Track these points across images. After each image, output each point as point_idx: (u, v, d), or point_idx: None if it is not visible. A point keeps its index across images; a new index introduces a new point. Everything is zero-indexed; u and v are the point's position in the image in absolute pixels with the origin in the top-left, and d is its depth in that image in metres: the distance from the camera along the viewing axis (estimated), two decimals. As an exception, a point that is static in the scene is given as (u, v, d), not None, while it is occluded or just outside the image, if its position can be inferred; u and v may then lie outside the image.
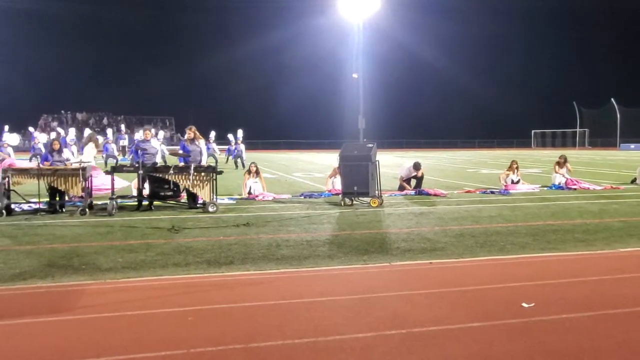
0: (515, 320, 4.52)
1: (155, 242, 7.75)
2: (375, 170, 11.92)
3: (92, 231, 8.68)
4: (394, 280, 5.92)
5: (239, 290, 5.52)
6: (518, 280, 5.86)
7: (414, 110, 73.64)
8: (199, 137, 12.35)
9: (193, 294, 5.35)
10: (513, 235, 8.35)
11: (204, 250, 7.21)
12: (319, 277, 6.04)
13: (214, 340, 4.07)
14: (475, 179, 19.70)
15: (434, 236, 8.24)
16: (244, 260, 6.70)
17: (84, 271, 6.15)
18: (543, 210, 11.07)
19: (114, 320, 4.59)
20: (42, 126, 45.85)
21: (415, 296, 5.26)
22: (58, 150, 11.46)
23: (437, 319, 4.57)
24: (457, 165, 29.92)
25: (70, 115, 63.30)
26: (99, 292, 5.43)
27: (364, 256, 6.95)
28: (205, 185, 10.95)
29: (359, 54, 58.54)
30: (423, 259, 6.79)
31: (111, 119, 59.73)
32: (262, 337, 4.13)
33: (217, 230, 8.72)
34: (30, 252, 7.11)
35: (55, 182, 10.51)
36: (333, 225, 9.42)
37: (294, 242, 7.82)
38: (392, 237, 8.29)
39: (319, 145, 61.40)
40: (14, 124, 19.43)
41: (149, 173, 11.07)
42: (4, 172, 10.38)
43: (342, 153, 12.26)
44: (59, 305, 5.01)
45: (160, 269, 6.26)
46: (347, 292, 5.41)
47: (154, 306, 4.93)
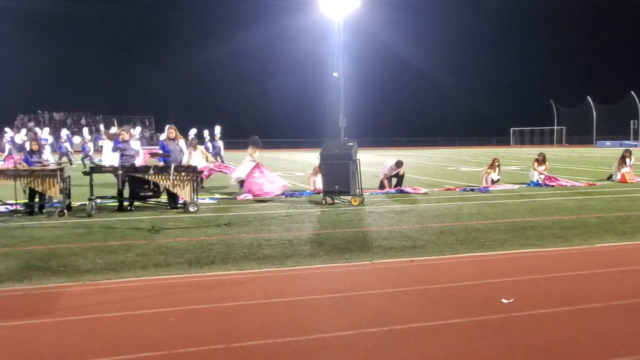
0: (495, 316, 4.57)
1: (135, 243, 7.68)
2: (356, 169, 11.95)
3: (71, 232, 8.57)
4: (375, 278, 5.95)
5: (221, 290, 5.50)
6: (498, 277, 5.92)
7: (395, 109, 73.96)
8: (179, 136, 12.27)
9: (174, 294, 5.32)
10: (493, 232, 8.43)
11: (185, 251, 7.17)
12: (300, 276, 6.04)
13: (195, 341, 4.05)
14: (455, 176, 19.85)
15: (415, 234, 8.29)
16: (226, 260, 6.67)
17: (63, 273, 6.08)
18: (522, 207, 11.20)
19: (93, 322, 4.54)
20: (18, 126, 45.16)
21: (396, 294, 5.29)
22: (37, 151, 11.29)
23: (419, 315, 4.60)
24: (438, 164, 30.13)
25: (47, 115, 62.48)
26: (78, 294, 5.37)
27: (345, 255, 6.96)
28: (186, 185, 10.88)
29: (339, 53, 58.63)
30: (404, 257, 6.83)
31: (89, 119, 59.08)
32: (244, 337, 4.12)
33: (198, 230, 8.68)
34: (7, 255, 7.00)
35: (32, 183, 10.36)
36: (314, 224, 9.43)
37: (276, 241, 7.81)
38: (373, 235, 8.31)
39: (300, 144, 61.36)
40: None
41: (128, 174, 10.97)
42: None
43: (323, 152, 12.26)
44: (37, 308, 4.94)
45: (140, 270, 6.20)
46: (329, 290, 5.42)
47: (134, 307, 4.89)
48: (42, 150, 11.61)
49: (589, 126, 73.80)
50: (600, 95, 72.06)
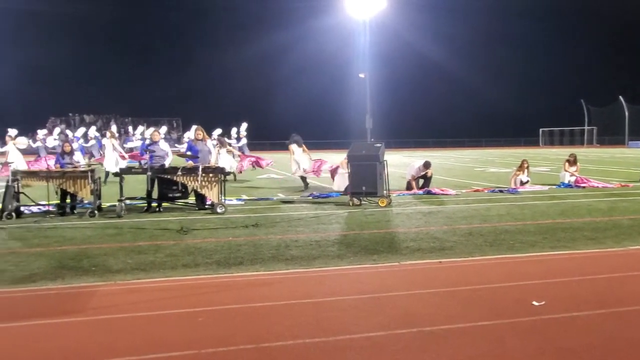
0: (526, 319, 4.50)
1: (164, 244, 7.77)
2: (384, 170, 11.90)
3: (102, 233, 8.72)
4: (403, 280, 5.91)
5: (249, 290, 5.53)
6: (528, 279, 5.83)
7: (422, 110, 73.43)
8: (207, 137, 12.38)
9: (203, 294, 5.36)
10: (522, 233, 8.32)
11: (213, 251, 7.22)
12: (328, 277, 6.04)
13: (225, 341, 4.07)
14: (483, 177, 19.64)
15: (443, 235, 8.22)
16: (254, 261, 6.70)
17: (94, 273, 6.18)
18: (552, 209, 11.02)
19: (124, 322, 4.60)
20: (50, 128, 46.11)
21: (425, 295, 5.25)
22: (69, 152, 11.51)
23: (448, 317, 4.56)
24: (465, 165, 29.85)
25: (77, 117, 63.67)
26: (109, 294, 5.45)
27: (373, 256, 6.94)
28: (214, 186, 10.97)
29: (365, 53, 58.48)
30: (432, 258, 6.78)
31: (118, 121, 59.98)
32: (273, 337, 4.14)
33: (226, 231, 8.74)
34: (41, 254, 7.15)
35: (64, 184, 10.56)
36: (342, 225, 9.42)
37: (303, 242, 7.82)
38: (401, 236, 8.27)
39: (326, 145, 61.39)
40: (21, 127, 19.50)
41: (157, 175, 11.10)
42: (13, 175, 10.44)
43: (351, 153, 12.25)
44: (70, 307, 5.03)
45: (169, 270, 6.27)
46: (357, 291, 5.40)
47: (164, 307, 4.95)
48: (73, 151, 11.82)
49: (621, 126, 72.32)
50: (633, 95, 70.56)
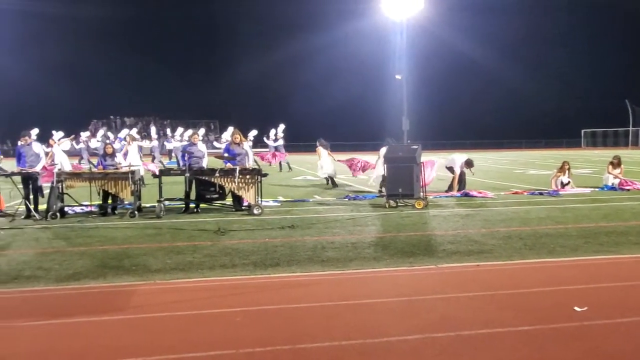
0: (567, 324, 4.40)
1: (202, 244, 7.87)
2: (420, 172, 11.81)
3: (142, 233, 8.88)
4: (441, 283, 5.85)
5: (286, 291, 5.56)
6: (569, 284, 5.70)
7: (459, 111, 72.46)
8: (244, 139, 12.50)
9: (240, 295, 5.41)
10: (563, 237, 8.13)
11: (250, 252, 7.28)
12: (364, 279, 6.03)
13: (262, 341, 4.10)
14: (522, 180, 19.27)
15: (481, 238, 8.11)
16: (290, 262, 6.73)
17: (135, 272, 6.30)
18: (595, 212, 10.75)
19: (163, 321, 4.69)
20: (92, 131, 47.29)
21: (463, 299, 5.19)
22: (111, 154, 11.77)
23: (486, 321, 4.49)
24: (504, 166, 29.36)
25: (119, 119, 65.13)
26: (149, 293, 5.56)
27: (409, 258, 6.89)
28: (250, 187, 11.07)
29: (402, 55, 58.10)
30: (470, 262, 6.69)
31: (158, 123, 61.08)
32: (310, 339, 4.15)
33: (263, 233, 8.80)
34: (83, 254, 7.34)
35: (105, 185, 10.81)
36: (378, 227, 9.38)
37: (339, 244, 7.82)
38: (438, 239, 8.19)
39: (362, 147, 61.24)
40: (64, 129, 20.06)
41: (195, 176, 11.26)
42: (58, 176, 10.74)
43: (387, 155, 12.20)
44: (111, 305, 5.14)
45: (207, 270, 6.35)
46: (394, 294, 5.38)
47: (203, 307, 5.02)
48: (115, 153, 12.09)
49: (668, 127, 70.03)
50: (681, 94, 68.18)
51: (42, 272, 6.32)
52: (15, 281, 6.00)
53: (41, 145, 12.16)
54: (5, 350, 4.08)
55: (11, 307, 5.18)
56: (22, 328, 4.54)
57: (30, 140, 11.28)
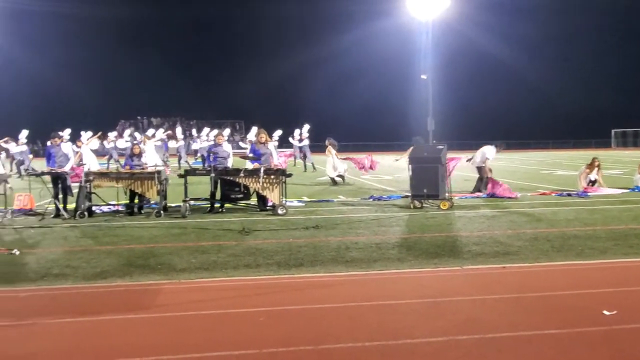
0: (595, 328, 4.32)
1: (226, 244, 7.92)
2: (445, 173, 11.71)
3: (167, 232, 8.98)
4: (465, 284, 5.79)
5: (309, 292, 5.56)
6: (598, 287, 5.60)
7: (485, 111, 71.61)
8: (269, 139, 12.54)
9: (264, 295, 5.43)
10: (592, 239, 7.98)
11: (274, 252, 7.30)
12: (388, 280, 6.00)
13: (285, 341, 4.11)
14: (550, 180, 18.98)
15: (507, 240, 8.00)
16: (314, 263, 6.73)
17: (160, 271, 6.37)
18: (625, 214, 10.53)
19: (188, 320, 4.72)
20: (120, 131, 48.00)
21: (488, 301, 5.12)
22: (138, 154, 11.92)
23: (512, 324, 4.43)
24: (530, 167, 28.96)
25: (146, 120, 65.95)
26: (174, 292, 5.61)
27: (434, 259, 6.83)
28: (275, 187, 11.10)
29: (427, 54, 57.71)
30: (496, 263, 6.61)
31: (184, 124, 61.70)
32: (333, 339, 4.14)
33: (287, 233, 8.82)
34: (110, 252, 7.44)
35: (132, 185, 10.95)
36: (402, 228, 9.33)
37: (363, 244, 7.80)
38: (463, 240, 8.11)
39: (388, 147, 61.00)
40: (92, 130, 20.42)
41: (220, 176, 11.34)
42: (86, 176, 10.91)
43: (412, 155, 12.12)
44: (137, 304, 5.21)
45: (231, 270, 6.39)
46: (418, 295, 5.34)
47: (226, 306, 5.04)
48: (142, 153, 12.24)
49: (702, 127, 68.30)
50: None
51: (70, 270, 6.43)
52: (44, 279, 6.11)
53: (70, 146, 12.38)
54: (34, 347, 4.15)
55: (40, 305, 5.27)
56: (50, 325, 4.62)
57: (60, 141, 11.48)
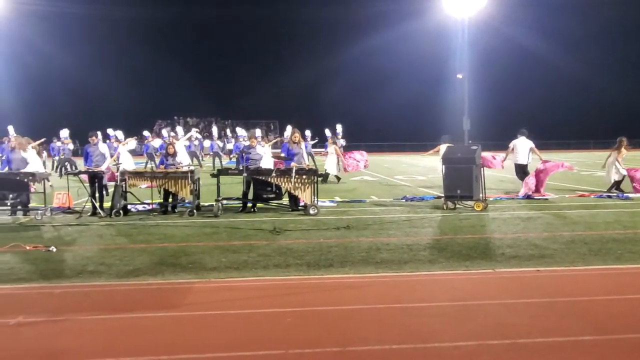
0: (633, 336, 4.17)
1: (257, 243, 7.95)
2: (480, 173, 11.53)
3: (199, 231, 9.07)
4: (497, 288, 5.68)
5: (338, 293, 5.53)
6: (636, 293, 5.42)
7: (522, 110, 70.11)
8: (302, 139, 12.56)
9: (292, 295, 5.42)
10: (632, 243, 7.73)
11: (304, 252, 7.30)
12: (419, 282, 5.93)
13: (311, 342, 4.09)
14: (589, 182, 18.51)
15: (543, 242, 7.82)
16: (344, 263, 6.70)
17: (191, 270, 6.43)
18: (667, 216, 10.18)
19: (216, 319, 4.75)
20: (157, 131, 48.82)
21: (520, 305, 5.01)
22: (172, 154, 12.07)
23: (544, 330, 4.32)
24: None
25: (182, 120, 66.90)
26: (204, 291, 5.65)
27: (466, 262, 6.72)
28: (307, 187, 11.10)
29: (463, 53, 57.02)
30: (530, 266, 6.46)
31: (219, 124, 62.37)
32: (359, 341, 4.10)
33: (318, 233, 8.81)
34: (144, 250, 7.55)
35: (166, 184, 11.10)
36: (435, 229, 9.22)
37: (395, 245, 7.73)
38: (496, 242, 7.96)
39: (423, 148, 60.50)
40: (130, 129, 20.80)
41: (252, 176, 11.40)
42: (121, 175, 11.11)
43: (445, 155, 11.98)
44: (167, 302, 5.27)
45: (261, 270, 6.41)
46: (448, 298, 5.26)
47: (255, 306, 5.05)
48: (176, 153, 12.40)
49: None
50: None
51: (104, 268, 6.55)
52: (79, 276, 6.24)
53: (107, 145, 12.63)
54: (66, 343, 4.24)
55: (74, 302, 5.38)
56: (82, 322, 4.71)
57: (97, 141, 11.72)
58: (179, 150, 15.85)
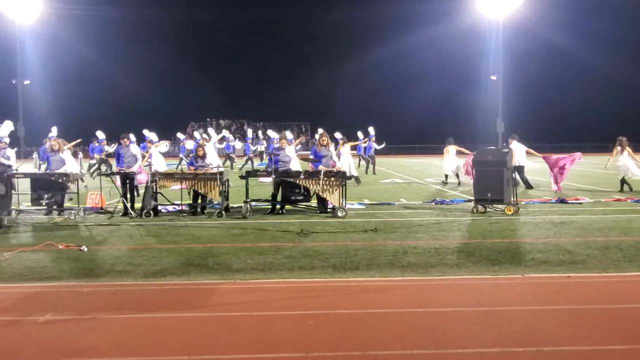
0: (666, 346, 4.03)
1: (284, 245, 7.96)
2: (511, 177, 11.33)
3: (227, 233, 9.12)
4: (526, 293, 5.56)
5: (362, 296, 5.48)
6: (672, 300, 5.23)
7: (559, 112, 68.79)
8: (330, 142, 12.54)
9: (316, 297, 5.40)
10: (669, 249, 7.49)
11: (330, 255, 7.27)
12: (445, 287, 5.84)
13: (333, 346, 4.06)
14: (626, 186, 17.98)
15: (575, 248, 7.63)
16: (369, 266, 6.65)
17: (217, 271, 6.47)
18: None
19: (240, 320, 4.76)
20: (190, 133, 49.48)
21: (549, 312, 4.88)
22: (202, 156, 12.20)
23: (573, 338, 4.20)
24: (606, 171, 27.58)
25: (214, 122, 67.66)
26: (229, 292, 5.68)
27: (494, 266, 6.60)
28: (335, 190, 11.08)
29: (498, 55, 56.27)
30: (560, 272, 6.31)
31: (251, 126, 62.84)
32: (382, 345, 4.06)
33: (345, 235, 8.77)
34: (172, 251, 7.63)
35: (195, 185, 11.21)
36: (463, 232, 9.09)
37: (422, 249, 7.64)
38: (526, 247, 7.80)
39: (455, 150, 59.84)
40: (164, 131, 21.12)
41: (281, 178, 11.43)
42: (152, 176, 11.27)
43: (476, 158, 11.81)
44: (192, 302, 5.30)
45: (286, 272, 6.40)
46: (475, 303, 5.16)
47: (278, 308, 5.05)
48: (206, 155, 12.51)
49: None
50: None
51: (132, 267, 6.64)
52: (108, 275, 6.34)
53: (143, 147, 12.85)
54: (92, 341, 4.29)
55: (101, 300, 5.46)
56: (109, 320, 4.77)
57: (129, 142, 11.92)
58: (209, 152, 16.01)
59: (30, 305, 5.27)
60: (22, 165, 11.87)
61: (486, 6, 52.50)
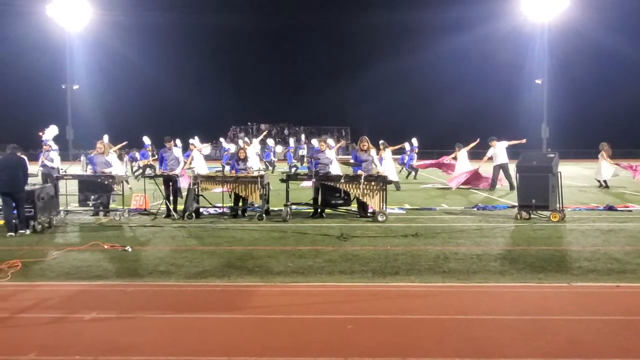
0: None
1: (324, 249, 7.95)
2: (557, 182, 11.05)
3: (267, 236, 9.18)
4: (572, 303, 5.40)
5: (401, 301, 5.43)
6: None
7: (607, 117, 66.80)
8: (371, 147, 12.49)
9: (355, 302, 5.38)
10: None
11: (370, 259, 7.23)
12: (487, 294, 5.73)
13: (370, 351, 4.03)
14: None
15: (624, 256, 7.38)
16: (409, 272, 6.58)
17: (257, 273, 6.51)
18: None
19: (278, 323, 4.77)
20: (231, 137, 50.14)
21: (595, 322, 4.73)
22: (243, 159, 12.33)
23: (620, 350, 4.06)
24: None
25: (255, 126, 68.40)
26: (268, 294, 5.70)
27: (539, 274, 6.44)
28: (375, 194, 11.02)
29: (543, 58, 55.07)
30: (609, 282, 6.11)
31: (292, 130, 63.29)
32: (419, 352, 4.00)
33: (385, 240, 8.70)
34: (213, 253, 7.72)
35: (236, 188, 11.33)
36: (507, 239, 8.90)
37: (463, 255, 7.52)
38: (573, 255, 7.59)
39: (497, 155, 58.77)
40: (206, 135, 21.45)
41: (321, 181, 11.44)
42: (194, 179, 11.45)
43: (520, 163, 11.57)
44: (232, 304, 5.35)
45: (326, 276, 6.39)
46: (517, 311, 5.04)
47: (317, 312, 5.05)
48: (247, 158, 12.64)
49: None
50: None
51: (174, 268, 6.75)
52: (150, 275, 6.46)
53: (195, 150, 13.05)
54: (134, 339, 4.38)
55: (143, 300, 5.56)
56: (150, 320, 4.86)
57: (172, 146, 12.14)
58: (250, 155, 16.15)
59: (76, 303, 5.41)
60: (70, 167, 12.21)
61: (531, 8, 51.46)
